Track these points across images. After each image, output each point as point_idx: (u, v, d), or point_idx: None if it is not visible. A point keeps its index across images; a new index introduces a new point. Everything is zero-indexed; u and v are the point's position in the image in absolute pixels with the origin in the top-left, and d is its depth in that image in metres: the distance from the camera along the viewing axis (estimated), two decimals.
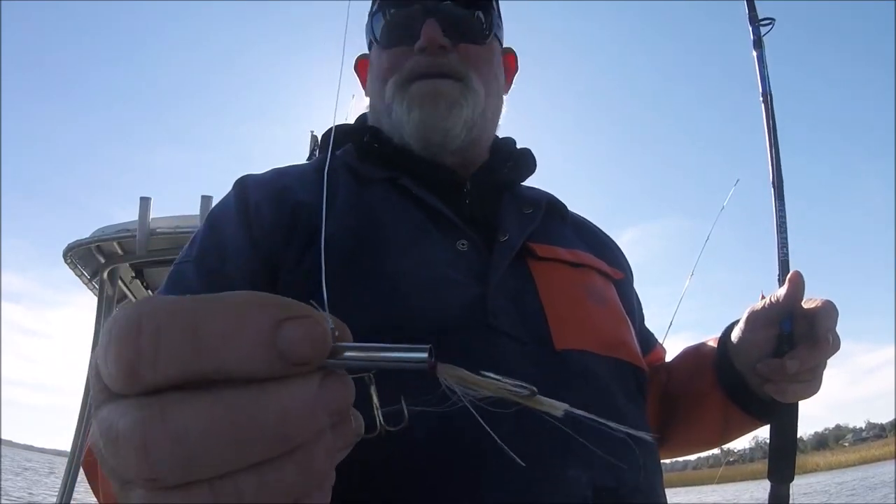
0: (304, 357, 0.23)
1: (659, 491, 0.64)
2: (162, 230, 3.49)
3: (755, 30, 0.94)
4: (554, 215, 0.81)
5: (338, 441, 0.25)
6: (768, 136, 0.88)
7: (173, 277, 0.67)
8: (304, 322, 0.23)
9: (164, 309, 0.22)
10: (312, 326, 0.23)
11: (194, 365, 0.22)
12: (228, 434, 0.22)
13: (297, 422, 0.23)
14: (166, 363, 0.22)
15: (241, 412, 0.22)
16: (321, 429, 0.24)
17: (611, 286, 0.77)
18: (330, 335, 0.24)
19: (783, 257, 0.78)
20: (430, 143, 0.75)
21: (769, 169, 0.86)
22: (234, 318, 0.22)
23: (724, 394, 0.74)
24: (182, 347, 0.22)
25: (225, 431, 0.22)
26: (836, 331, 0.65)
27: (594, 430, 0.58)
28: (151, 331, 0.22)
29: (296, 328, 0.23)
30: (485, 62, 0.78)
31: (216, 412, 0.22)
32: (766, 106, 0.90)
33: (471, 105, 0.75)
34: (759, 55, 0.93)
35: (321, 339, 0.23)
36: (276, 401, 0.22)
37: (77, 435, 3.68)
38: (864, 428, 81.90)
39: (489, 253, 0.68)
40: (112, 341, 0.23)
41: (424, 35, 0.73)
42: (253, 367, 0.22)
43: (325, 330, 0.24)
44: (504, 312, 0.62)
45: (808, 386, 0.66)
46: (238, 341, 0.22)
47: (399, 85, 0.75)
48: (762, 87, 0.91)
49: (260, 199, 0.69)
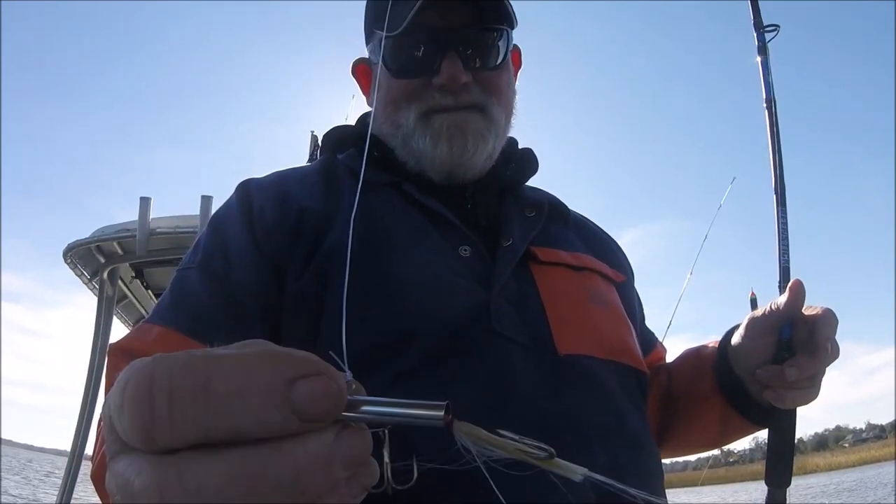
0: (319, 415, 0.23)
1: (659, 493, 0.64)
2: (162, 230, 3.48)
3: (760, 36, 0.93)
4: (556, 217, 0.81)
5: (353, 490, 0.25)
6: (771, 143, 0.87)
7: (178, 283, 0.66)
8: (318, 380, 0.23)
9: (176, 368, 0.22)
10: (327, 384, 0.23)
11: (208, 425, 0.22)
12: (243, 491, 0.22)
13: (313, 476, 0.23)
14: (181, 426, 0.22)
15: (255, 469, 0.22)
16: (336, 481, 0.23)
17: (612, 289, 0.77)
18: (345, 391, 0.24)
19: (784, 264, 0.78)
20: (453, 175, 0.74)
21: (771, 175, 0.85)
22: (245, 376, 0.22)
23: (723, 398, 0.74)
24: (195, 409, 0.22)
25: (240, 489, 0.22)
26: (835, 339, 0.65)
27: (597, 434, 0.59)
28: (164, 393, 0.22)
29: (309, 386, 0.23)
30: (505, 85, 0.77)
31: (231, 471, 0.22)
32: (769, 112, 0.90)
33: (493, 136, 0.74)
34: (764, 61, 0.92)
35: (336, 395, 0.23)
36: (290, 457, 0.22)
37: (77, 435, 3.68)
38: (865, 429, 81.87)
39: (492, 257, 0.68)
40: (126, 402, 0.23)
41: (446, 73, 0.70)
42: (266, 425, 0.22)
43: (340, 387, 0.23)
44: (507, 317, 0.62)
45: (806, 393, 0.67)
46: (251, 400, 0.22)
47: (419, 116, 0.73)
48: (766, 94, 0.91)
49: (264, 203, 0.69)
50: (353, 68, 0.86)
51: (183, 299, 0.64)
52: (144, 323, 0.65)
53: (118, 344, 0.64)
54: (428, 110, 0.72)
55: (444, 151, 0.72)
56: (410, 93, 0.73)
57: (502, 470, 0.28)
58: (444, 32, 0.71)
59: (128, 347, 0.62)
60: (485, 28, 0.73)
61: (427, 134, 0.72)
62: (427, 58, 0.72)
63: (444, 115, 0.72)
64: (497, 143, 0.76)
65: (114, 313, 4.01)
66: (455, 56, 0.70)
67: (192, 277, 0.65)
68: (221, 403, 0.22)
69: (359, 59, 0.85)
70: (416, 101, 0.73)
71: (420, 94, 0.72)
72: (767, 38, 0.93)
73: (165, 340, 0.60)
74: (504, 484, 0.31)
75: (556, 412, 0.58)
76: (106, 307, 3.90)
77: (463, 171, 0.74)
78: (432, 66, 0.71)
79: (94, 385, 3.83)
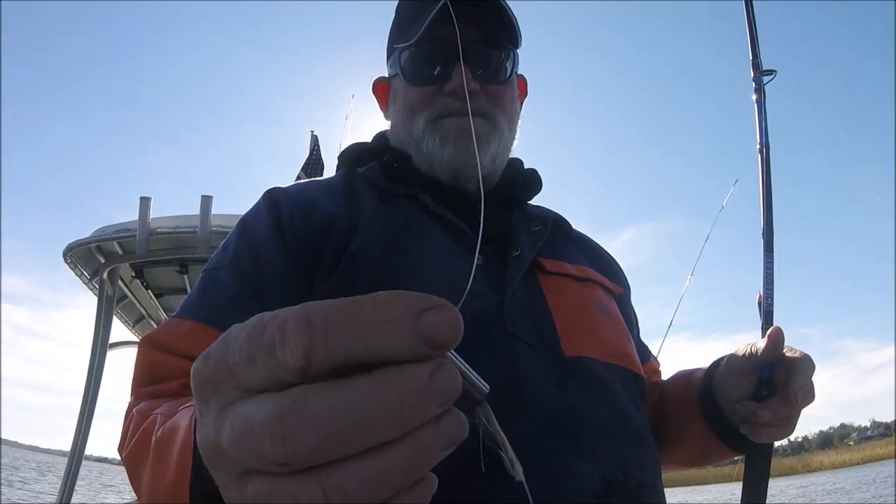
0: (444, 340, 0.25)
1: (660, 488, 0.68)
2: (162, 230, 3.48)
3: (757, 78, 0.94)
4: (559, 232, 0.87)
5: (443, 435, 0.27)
6: (762, 188, 0.88)
7: (207, 282, 0.69)
8: (443, 310, 0.26)
9: (329, 306, 0.26)
10: (450, 313, 0.26)
11: (356, 348, 0.25)
12: (360, 418, 0.24)
13: (416, 402, 0.25)
14: (334, 349, 0.25)
15: (371, 395, 0.25)
16: (430, 417, 0.26)
17: (612, 300, 0.82)
18: (462, 323, 0.26)
19: (768, 307, 0.81)
20: (459, 175, 0.80)
21: (761, 219, 0.86)
22: (383, 309, 0.25)
23: (706, 423, 0.80)
24: (346, 335, 0.25)
25: (357, 417, 0.24)
26: (809, 385, 0.70)
27: (602, 429, 0.63)
28: (322, 321, 0.25)
29: (436, 315, 0.25)
30: (509, 101, 0.84)
31: (348, 399, 0.25)
32: (762, 157, 0.90)
33: (496, 141, 0.81)
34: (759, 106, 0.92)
35: (456, 324, 0.26)
36: (397, 383, 0.25)
37: (77, 436, 3.69)
38: (870, 427, 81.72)
39: (503, 266, 0.73)
40: (283, 333, 0.25)
41: (457, 79, 0.76)
42: (398, 349, 0.25)
43: (459, 316, 0.26)
44: (519, 321, 0.67)
45: (780, 431, 0.72)
46: (387, 327, 0.25)
47: (430, 121, 0.80)
48: (760, 138, 0.91)
49: (293, 209, 0.73)
50: (373, 87, 0.93)
51: (213, 296, 0.67)
52: (174, 318, 0.67)
53: (149, 337, 0.66)
54: (438, 115, 0.79)
55: (450, 152, 0.78)
56: (424, 99, 0.80)
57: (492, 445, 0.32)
58: (456, 45, 0.76)
59: (160, 341, 0.64)
60: (494, 45, 0.81)
61: (436, 136, 0.79)
62: (440, 67, 0.79)
63: (451, 119, 0.78)
64: (500, 148, 0.82)
65: (114, 313, 4.02)
66: (465, 66, 0.77)
67: (223, 276, 0.68)
68: (366, 330, 0.25)
69: (379, 78, 0.92)
70: (428, 107, 0.80)
71: (432, 100, 0.80)
72: (765, 80, 0.94)
73: (197, 334, 0.63)
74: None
75: (566, 408, 0.63)
76: (106, 307, 3.91)
77: (468, 172, 0.79)
78: (444, 75, 0.78)
79: (94, 385, 3.83)
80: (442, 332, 0.26)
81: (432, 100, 0.79)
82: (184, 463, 0.40)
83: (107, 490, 25.46)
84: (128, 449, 0.54)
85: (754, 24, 0.95)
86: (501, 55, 0.82)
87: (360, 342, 0.25)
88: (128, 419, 0.56)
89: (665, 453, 0.86)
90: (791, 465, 49.00)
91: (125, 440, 0.55)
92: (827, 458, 54.96)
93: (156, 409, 0.52)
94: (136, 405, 0.57)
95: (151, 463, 0.47)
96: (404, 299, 0.26)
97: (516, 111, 0.87)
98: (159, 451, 0.46)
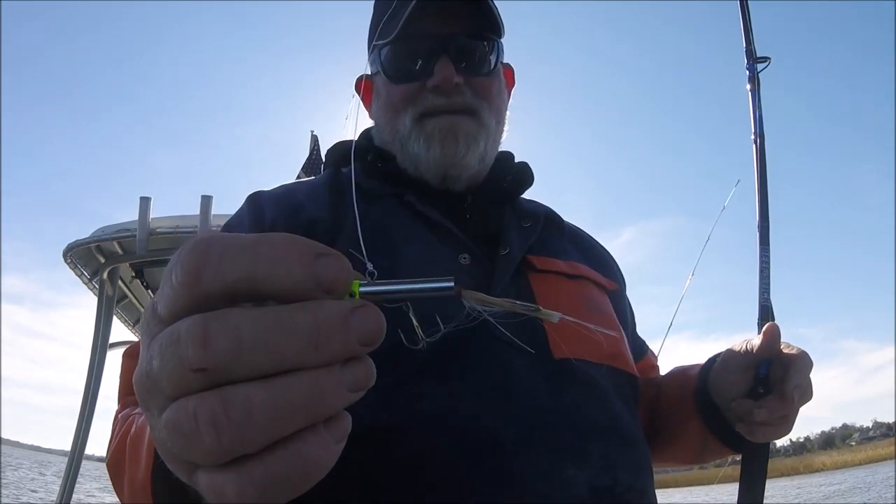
0: (335, 281, 0.27)
1: (651, 491, 0.68)
2: (162, 230, 3.48)
3: (751, 66, 0.92)
4: (552, 228, 0.84)
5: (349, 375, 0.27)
6: (758, 180, 0.86)
7: None
8: (337, 257, 0.28)
9: (229, 235, 0.27)
10: (342, 261, 0.28)
11: (251, 270, 0.26)
12: (275, 332, 0.25)
13: (330, 336, 0.26)
14: (227, 268, 0.26)
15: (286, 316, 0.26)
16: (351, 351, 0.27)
17: (605, 297, 0.81)
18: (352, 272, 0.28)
19: (764, 302, 0.79)
20: (447, 177, 0.78)
21: (756, 212, 0.85)
22: (285, 245, 0.27)
23: (702, 421, 0.78)
24: (242, 259, 0.26)
25: (272, 331, 0.25)
26: (807, 383, 0.68)
27: (592, 432, 0.62)
28: (219, 245, 0.26)
29: (330, 260, 0.27)
30: (496, 93, 0.81)
31: (265, 316, 0.26)
32: (756, 147, 0.88)
33: (484, 138, 0.78)
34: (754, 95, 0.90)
35: (347, 272, 0.28)
36: (311, 314, 0.26)
37: (77, 436, 3.69)
38: (871, 427, 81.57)
39: (491, 265, 0.71)
40: (181, 256, 0.27)
41: (440, 74, 0.74)
42: (296, 284, 0.27)
43: (349, 267, 0.28)
44: (506, 323, 0.64)
45: (777, 429, 0.70)
46: (287, 258, 0.27)
47: (415, 120, 0.77)
48: (755, 128, 0.89)
49: (276, 216, 0.72)
50: (356, 85, 0.89)
51: None
52: None
53: (130, 350, 0.67)
54: (422, 113, 0.76)
55: (436, 153, 0.76)
56: (407, 97, 0.77)
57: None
58: (437, 39, 0.75)
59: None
60: (476, 37, 0.78)
61: (421, 137, 0.77)
62: (422, 62, 0.76)
63: (436, 119, 0.76)
64: (488, 145, 0.80)
65: (114, 313, 4.01)
66: (448, 60, 0.75)
67: None
68: (263, 258, 0.26)
69: (361, 76, 0.89)
70: (412, 104, 0.77)
71: (415, 97, 0.77)
72: (759, 68, 0.92)
73: None
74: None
75: (554, 410, 0.62)
76: (106, 307, 3.91)
77: (456, 173, 0.78)
78: (426, 70, 0.76)
79: (94, 385, 3.83)
80: (335, 275, 0.27)
81: (416, 97, 0.77)
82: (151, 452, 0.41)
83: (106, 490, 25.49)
84: (109, 455, 0.54)
85: (748, 10, 0.94)
86: (485, 46, 0.79)
87: (257, 267, 0.26)
88: (113, 426, 0.57)
89: (661, 451, 0.85)
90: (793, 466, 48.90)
91: (109, 446, 0.55)
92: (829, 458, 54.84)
93: (136, 411, 0.53)
94: (121, 412, 0.58)
95: (128, 460, 0.48)
96: (305, 241, 0.28)
97: (504, 102, 0.85)
98: (134, 447, 0.47)
